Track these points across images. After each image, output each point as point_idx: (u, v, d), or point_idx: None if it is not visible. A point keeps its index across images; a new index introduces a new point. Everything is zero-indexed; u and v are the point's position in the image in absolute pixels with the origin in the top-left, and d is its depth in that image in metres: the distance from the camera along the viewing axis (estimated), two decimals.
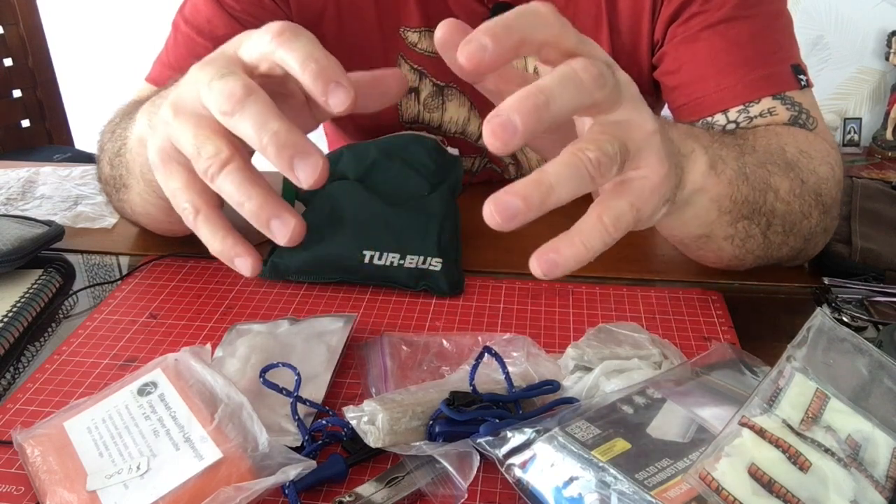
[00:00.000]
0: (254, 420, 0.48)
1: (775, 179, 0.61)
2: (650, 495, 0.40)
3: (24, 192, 0.92)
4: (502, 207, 0.36)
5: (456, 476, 0.46)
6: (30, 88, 1.76)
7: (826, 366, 0.48)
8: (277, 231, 0.40)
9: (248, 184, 0.41)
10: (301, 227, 0.41)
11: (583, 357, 0.55)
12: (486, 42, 0.37)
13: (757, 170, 0.60)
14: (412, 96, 0.89)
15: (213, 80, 0.42)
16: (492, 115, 0.35)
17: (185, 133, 0.43)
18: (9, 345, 0.63)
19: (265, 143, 0.39)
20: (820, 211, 0.65)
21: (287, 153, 0.39)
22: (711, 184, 0.54)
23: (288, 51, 0.41)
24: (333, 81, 0.40)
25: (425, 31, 0.85)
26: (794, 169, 0.64)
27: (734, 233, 0.61)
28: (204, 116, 0.43)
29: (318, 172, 0.39)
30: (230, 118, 0.41)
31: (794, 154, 0.66)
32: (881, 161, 2.59)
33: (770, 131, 0.70)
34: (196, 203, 0.44)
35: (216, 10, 0.81)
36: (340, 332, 0.61)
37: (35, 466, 0.48)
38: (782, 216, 0.62)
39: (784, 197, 0.62)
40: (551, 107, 0.36)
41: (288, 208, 0.41)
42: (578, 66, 0.38)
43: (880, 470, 0.43)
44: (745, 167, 0.58)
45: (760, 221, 0.61)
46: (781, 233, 0.63)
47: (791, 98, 0.74)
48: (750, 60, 0.75)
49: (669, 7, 0.78)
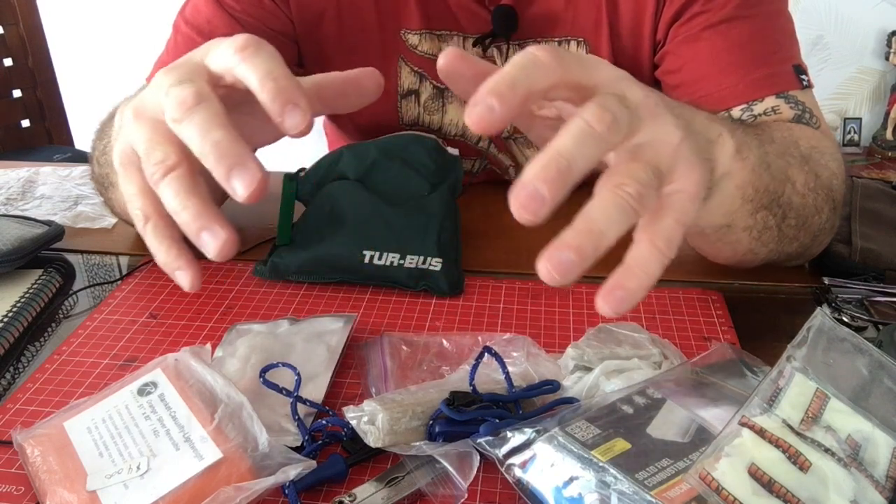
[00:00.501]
0: (254, 420, 0.48)
1: (793, 171, 0.61)
2: (650, 495, 0.40)
3: (24, 192, 0.92)
4: (558, 264, 0.35)
5: (456, 476, 0.46)
6: (30, 88, 1.76)
7: (826, 366, 0.48)
8: (206, 243, 0.40)
9: (186, 193, 0.40)
10: (232, 242, 0.40)
11: (583, 357, 0.55)
12: (492, 103, 0.37)
13: (777, 160, 0.60)
14: (412, 98, 0.89)
15: (172, 87, 0.41)
16: (518, 187, 0.35)
17: (140, 137, 0.43)
18: (9, 345, 0.63)
19: (206, 151, 0.39)
20: (830, 207, 0.66)
21: (226, 163, 0.38)
22: (737, 168, 0.54)
23: (249, 67, 0.41)
24: (291, 103, 0.40)
25: (426, 34, 0.85)
26: (809, 162, 0.64)
27: (753, 223, 0.60)
28: (160, 122, 0.43)
29: (254, 185, 0.38)
30: (178, 125, 0.40)
31: (807, 148, 0.66)
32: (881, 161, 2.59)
33: (782, 126, 0.70)
34: (146, 210, 0.43)
35: (216, 10, 0.81)
36: (340, 332, 0.61)
37: (35, 466, 0.48)
38: (797, 209, 0.62)
39: (800, 190, 0.62)
40: (573, 168, 0.36)
41: (221, 221, 0.40)
42: (591, 118, 0.37)
43: (880, 470, 0.43)
44: (767, 156, 0.58)
45: (777, 213, 0.61)
46: (795, 226, 0.63)
47: (794, 97, 0.74)
48: (752, 60, 0.75)
49: (671, 7, 0.78)
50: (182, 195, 0.40)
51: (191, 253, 0.42)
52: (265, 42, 0.42)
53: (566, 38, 0.83)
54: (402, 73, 0.87)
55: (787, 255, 0.68)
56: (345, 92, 0.47)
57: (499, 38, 0.83)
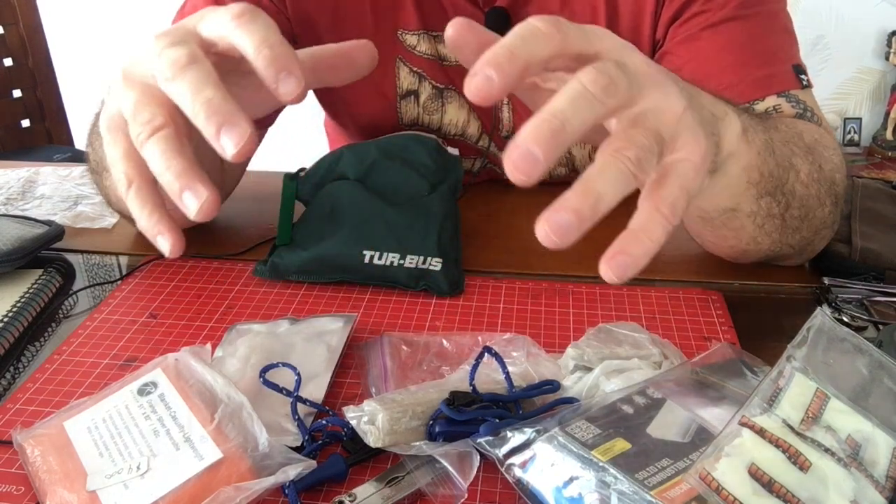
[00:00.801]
0: (254, 420, 0.48)
1: (797, 160, 0.61)
2: (650, 495, 0.40)
3: (24, 192, 0.92)
4: (556, 226, 0.35)
5: (456, 476, 0.46)
6: (30, 88, 1.76)
7: (826, 366, 0.48)
8: (187, 202, 0.39)
9: (171, 153, 0.40)
10: (214, 202, 0.39)
11: (583, 357, 0.55)
12: (490, 73, 0.37)
13: (782, 147, 0.59)
14: (412, 99, 0.89)
15: (164, 49, 0.41)
16: (510, 147, 0.35)
17: (129, 99, 0.43)
18: (9, 345, 0.63)
19: (197, 108, 0.39)
20: (832, 201, 0.66)
21: (216, 120, 0.38)
22: (744, 150, 0.54)
23: (244, 33, 0.41)
24: (285, 70, 0.40)
25: (423, 34, 0.85)
26: (813, 153, 0.64)
27: (757, 209, 0.60)
28: (149, 85, 0.42)
29: (243, 142, 0.38)
30: (170, 83, 0.40)
31: (810, 140, 0.66)
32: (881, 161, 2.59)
33: (786, 118, 0.70)
34: (130, 174, 0.43)
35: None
36: (340, 332, 0.61)
37: (35, 466, 0.48)
38: (801, 199, 0.62)
39: (804, 179, 0.62)
40: (567, 129, 0.36)
41: (204, 182, 0.40)
42: (587, 80, 0.37)
43: (880, 470, 0.43)
44: (772, 142, 0.58)
45: (781, 201, 0.61)
46: (798, 217, 0.63)
47: (795, 96, 0.74)
48: (752, 60, 0.75)
49: (671, 8, 0.78)
50: (167, 155, 0.40)
51: (172, 219, 0.42)
52: (261, 10, 0.42)
53: None
54: (401, 73, 0.87)
55: (789, 247, 0.68)
56: (336, 65, 0.47)
57: None
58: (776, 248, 0.67)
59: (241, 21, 0.41)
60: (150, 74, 0.42)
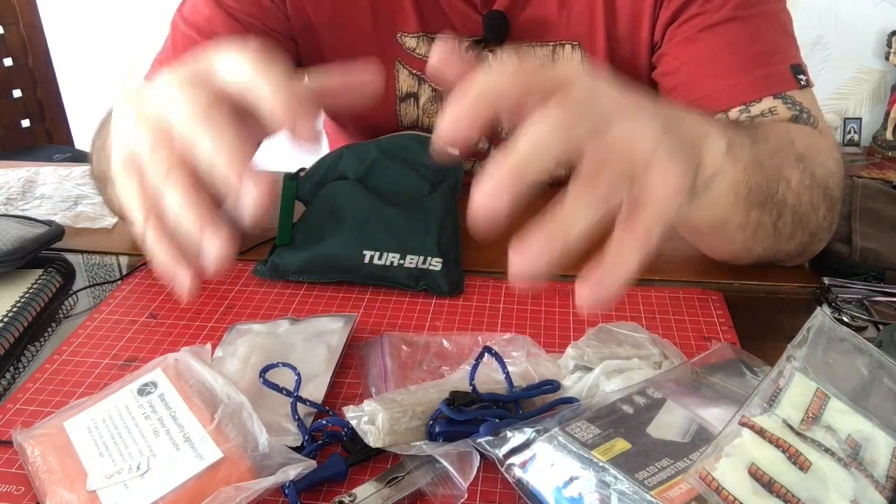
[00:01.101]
0: (254, 420, 0.48)
1: (787, 170, 0.61)
2: (650, 495, 0.40)
3: (24, 192, 0.92)
4: (526, 260, 0.37)
5: (456, 476, 0.46)
6: (30, 88, 1.76)
7: (826, 366, 0.48)
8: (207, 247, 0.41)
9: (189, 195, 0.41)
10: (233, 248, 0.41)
11: (583, 357, 0.55)
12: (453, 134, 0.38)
13: (771, 158, 0.60)
14: (411, 102, 0.89)
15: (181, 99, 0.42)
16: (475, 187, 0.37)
17: (143, 140, 0.43)
18: (9, 345, 0.63)
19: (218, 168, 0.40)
20: (827, 206, 0.66)
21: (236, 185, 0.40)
22: (729, 167, 0.54)
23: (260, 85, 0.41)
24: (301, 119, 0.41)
25: (423, 36, 0.84)
26: (805, 160, 0.64)
27: (747, 221, 0.60)
28: (164, 128, 0.43)
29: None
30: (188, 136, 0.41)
31: (802, 147, 0.66)
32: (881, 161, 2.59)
33: (778, 124, 0.70)
34: (146, 213, 0.43)
35: (215, 9, 0.80)
36: (340, 332, 0.61)
37: (35, 466, 0.48)
38: (793, 207, 0.62)
39: (795, 188, 0.62)
40: (529, 172, 0.37)
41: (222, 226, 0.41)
42: (549, 118, 0.38)
43: (880, 470, 0.43)
44: (760, 154, 0.58)
45: (772, 211, 0.61)
46: (790, 224, 0.63)
47: (792, 98, 0.74)
48: (749, 61, 0.75)
49: (669, 9, 0.78)
50: (185, 198, 0.41)
51: (188, 259, 0.42)
52: (274, 58, 0.42)
53: (560, 42, 0.83)
54: (400, 76, 0.87)
55: (785, 252, 0.68)
56: (340, 94, 0.48)
57: (492, 43, 0.83)
58: (770, 254, 0.67)
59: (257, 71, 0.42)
60: (164, 116, 0.43)
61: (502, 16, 0.80)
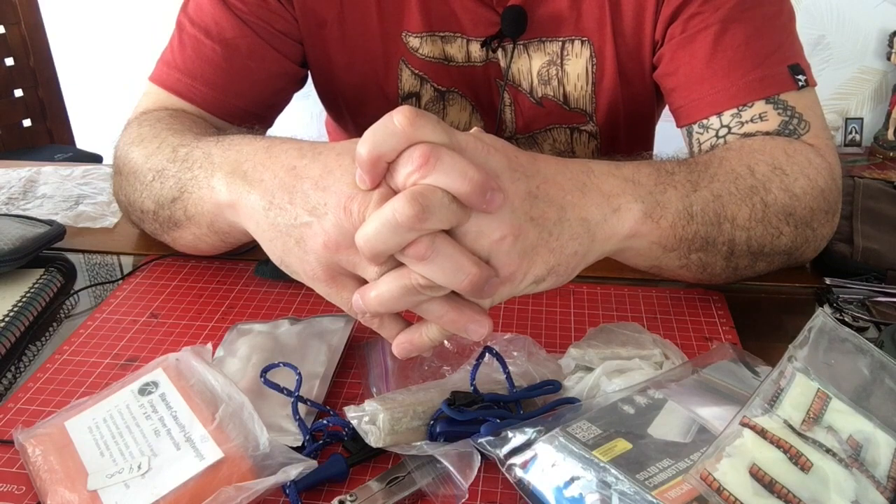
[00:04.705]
0: (255, 420, 0.48)
1: (731, 210, 0.60)
2: (651, 495, 0.40)
3: (25, 192, 0.92)
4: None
5: (457, 476, 0.46)
6: (31, 88, 1.76)
7: (827, 366, 0.48)
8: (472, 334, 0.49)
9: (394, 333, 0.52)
10: None
11: (584, 357, 0.55)
12: None
13: (709, 204, 0.59)
14: (413, 102, 0.89)
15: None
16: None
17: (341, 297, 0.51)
18: (10, 344, 0.64)
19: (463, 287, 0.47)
20: (792, 227, 0.64)
21: None
22: (648, 229, 0.55)
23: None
24: None
25: (426, 36, 0.84)
26: (758, 193, 0.62)
27: (687, 262, 0.61)
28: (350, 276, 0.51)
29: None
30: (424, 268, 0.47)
31: (763, 174, 0.64)
32: (882, 161, 2.59)
33: (743, 149, 0.68)
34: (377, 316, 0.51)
35: (223, 11, 0.80)
36: (341, 332, 0.61)
37: (36, 466, 0.48)
38: (745, 242, 0.62)
39: (742, 224, 0.61)
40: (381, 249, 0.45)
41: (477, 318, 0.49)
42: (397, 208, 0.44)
43: (881, 470, 0.43)
44: (693, 206, 0.58)
45: (721, 250, 0.61)
46: (748, 255, 0.63)
47: (784, 102, 0.73)
48: (746, 62, 0.74)
49: (669, 7, 0.78)
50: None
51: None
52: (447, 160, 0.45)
53: (570, 37, 0.83)
54: (403, 75, 0.87)
55: (755, 272, 0.67)
56: None
57: (505, 39, 0.83)
58: (736, 279, 0.66)
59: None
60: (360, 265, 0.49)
61: (522, 11, 0.81)
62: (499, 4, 0.81)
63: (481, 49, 0.84)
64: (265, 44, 0.82)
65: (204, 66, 0.80)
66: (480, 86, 0.87)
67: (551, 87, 0.86)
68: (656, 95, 0.88)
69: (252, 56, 0.81)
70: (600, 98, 0.86)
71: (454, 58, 0.85)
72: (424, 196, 0.44)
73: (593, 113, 0.88)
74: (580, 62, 0.84)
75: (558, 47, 0.83)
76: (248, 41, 0.81)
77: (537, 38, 0.83)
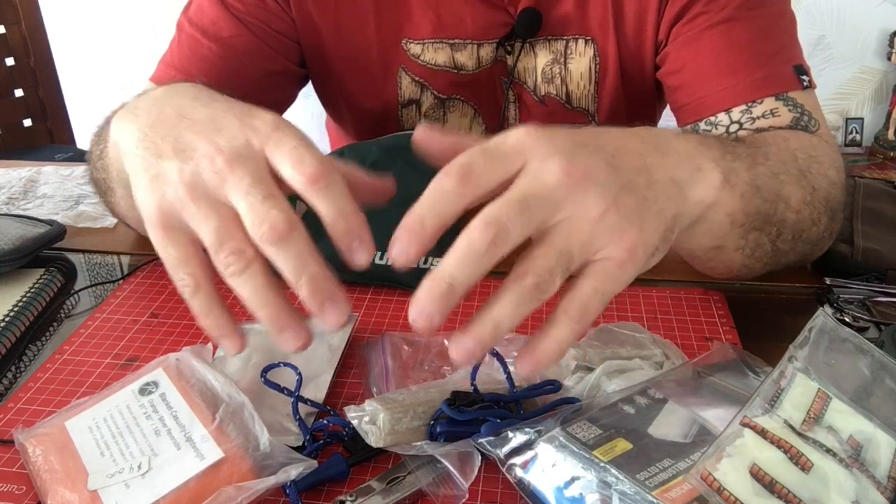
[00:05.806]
0: (255, 420, 0.48)
1: (787, 189, 0.60)
2: (651, 495, 0.40)
3: (25, 192, 0.92)
4: (461, 351, 0.41)
5: (457, 476, 0.46)
6: (31, 88, 1.76)
7: (828, 366, 0.48)
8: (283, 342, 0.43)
9: (265, 288, 0.43)
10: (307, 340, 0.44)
11: (584, 357, 0.55)
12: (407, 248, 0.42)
13: (769, 180, 0.58)
14: (413, 108, 0.89)
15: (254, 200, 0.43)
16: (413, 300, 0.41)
17: (208, 223, 0.43)
18: (10, 344, 0.64)
19: (301, 283, 0.42)
20: (829, 217, 0.64)
21: (319, 298, 0.42)
22: (726, 198, 0.53)
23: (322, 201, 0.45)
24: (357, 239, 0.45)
25: (429, 43, 0.84)
26: (807, 176, 0.63)
27: (745, 244, 0.59)
28: (227, 208, 0.43)
29: (342, 320, 0.43)
30: (270, 247, 0.42)
31: (804, 160, 0.64)
32: (883, 161, 2.59)
33: (779, 136, 0.68)
34: (197, 279, 0.45)
35: (221, 11, 0.81)
36: (342, 332, 0.61)
37: (36, 466, 0.48)
38: (792, 225, 0.61)
39: (795, 206, 0.61)
40: (457, 288, 0.41)
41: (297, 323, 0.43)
42: (474, 236, 0.41)
43: (882, 470, 0.43)
44: (758, 178, 0.57)
45: (771, 231, 0.60)
46: (790, 240, 0.63)
47: (793, 99, 0.73)
48: (752, 61, 0.74)
49: (674, 7, 0.78)
50: (262, 291, 0.43)
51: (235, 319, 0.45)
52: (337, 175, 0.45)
53: (575, 36, 0.83)
54: (403, 82, 0.87)
55: (785, 264, 0.67)
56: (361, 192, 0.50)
57: (514, 39, 0.83)
58: (770, 269, 0.66)
59: (319, 186, 0.44)
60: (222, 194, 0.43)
61: (538, 13, 0.81)
62: (510, 5, 0.81)
63: (495, 50, 0.84)
64: (262, 43, 0.82)
65: (200, 64, 0.80)
66: (484, 87, 0.87)
67: (554, 86, 0.86)
68: (657, 96, 0.88)
69: (248, 55, 0.82)
70: (603, 97, 0.86)
71: (464, 66, 0.85)
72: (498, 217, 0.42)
73: (595, 113, 0.88)
74: (583, 61, 0.84)
75: (562, 45, 0.84)
76: (245, 40, 0.81)
77: (543, 37, 0.84)
